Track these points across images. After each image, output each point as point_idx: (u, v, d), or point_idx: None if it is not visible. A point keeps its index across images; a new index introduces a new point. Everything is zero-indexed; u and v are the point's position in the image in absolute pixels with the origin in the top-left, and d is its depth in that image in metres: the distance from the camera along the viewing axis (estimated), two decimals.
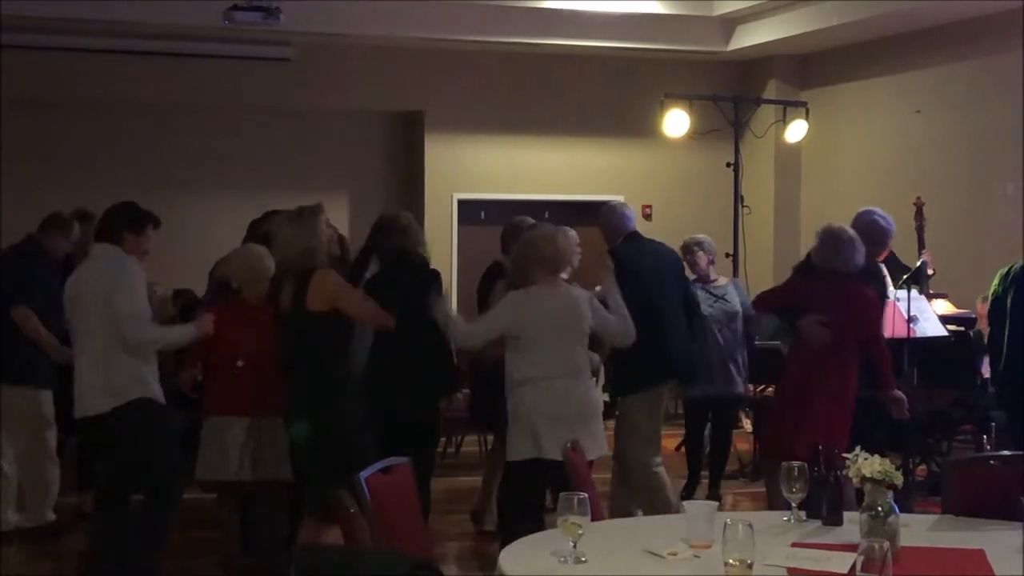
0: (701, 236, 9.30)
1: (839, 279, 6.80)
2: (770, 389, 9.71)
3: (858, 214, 7.54)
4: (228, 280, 6.80)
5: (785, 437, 6.78)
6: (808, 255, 7.26)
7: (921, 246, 10.13)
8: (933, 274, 10.34)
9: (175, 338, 6.50)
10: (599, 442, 6.23)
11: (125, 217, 6.34)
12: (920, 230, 10.15)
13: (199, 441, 6.68)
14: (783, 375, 7.16)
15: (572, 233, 7.20)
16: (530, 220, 8.04)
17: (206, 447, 6.54)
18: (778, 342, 7.19)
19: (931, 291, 10.10)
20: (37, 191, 11.84)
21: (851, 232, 6.89)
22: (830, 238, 6.84)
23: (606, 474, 7.39)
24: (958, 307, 10.41)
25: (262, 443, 6.45)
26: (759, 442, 7.84)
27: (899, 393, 7.05)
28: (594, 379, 6.72)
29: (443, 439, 10.08)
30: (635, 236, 7.64)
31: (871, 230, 7.29)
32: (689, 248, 9.10)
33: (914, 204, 10.30)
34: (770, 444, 7.18)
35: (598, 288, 6.68)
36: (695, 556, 3.80)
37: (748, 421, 11.01)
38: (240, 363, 6.46)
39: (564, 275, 6.32)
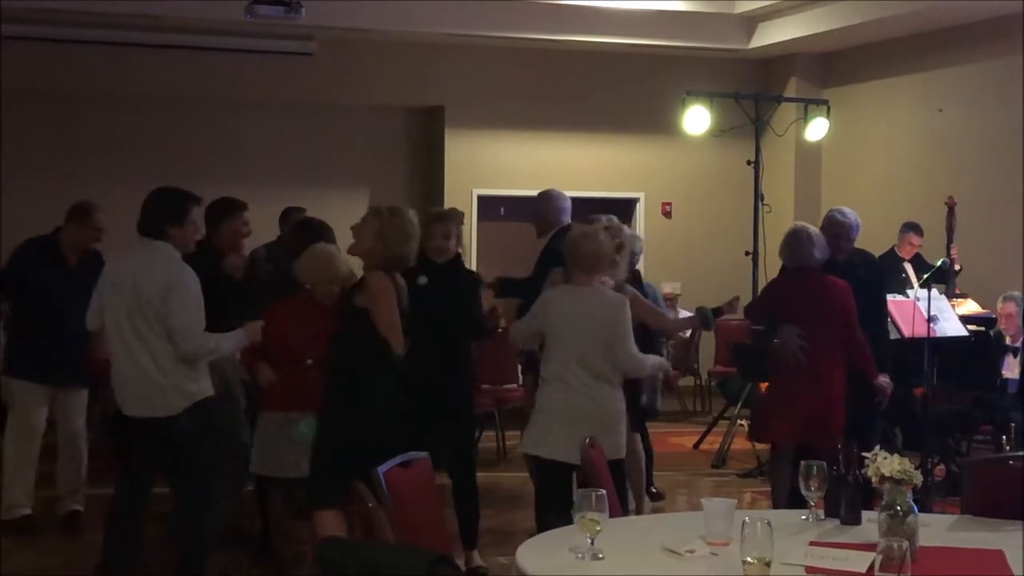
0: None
1: (804, 274, 7.24)
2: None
3: (826, 213, 7.90)
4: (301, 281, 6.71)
5: (772, 426, 7.31)
6: None
7: (950, 243, 10.13)
8: (960, 270, 10.34)
9: (229, 346, 6.22)
10: (610, 447, 6.19)
11: (163, 211, 6.01)
12: (950, 230, 10.17)
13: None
14: (772, 369, 7.44)
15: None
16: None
17: (269, 443, 6.49)
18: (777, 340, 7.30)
19: (957, 290, 10.09)
20: (58, 184, 11.90)
21: (811, 230, 7.32)
22: (790, 237, 7.33)
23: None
24: (982, 307, 10.39)
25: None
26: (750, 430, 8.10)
27: (883, 381, 7.36)
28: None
29: None
30: (571, 229, 7.53)
31: (830, 225, 7.62)
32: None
33: (946, 204, 10.32)
34: (759, 432, 7.73)
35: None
36: (713, 554, 3.81)
37: None
38: (310, 362, 6.39)
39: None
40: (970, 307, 10.23)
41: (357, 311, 5.67)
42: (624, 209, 13.41)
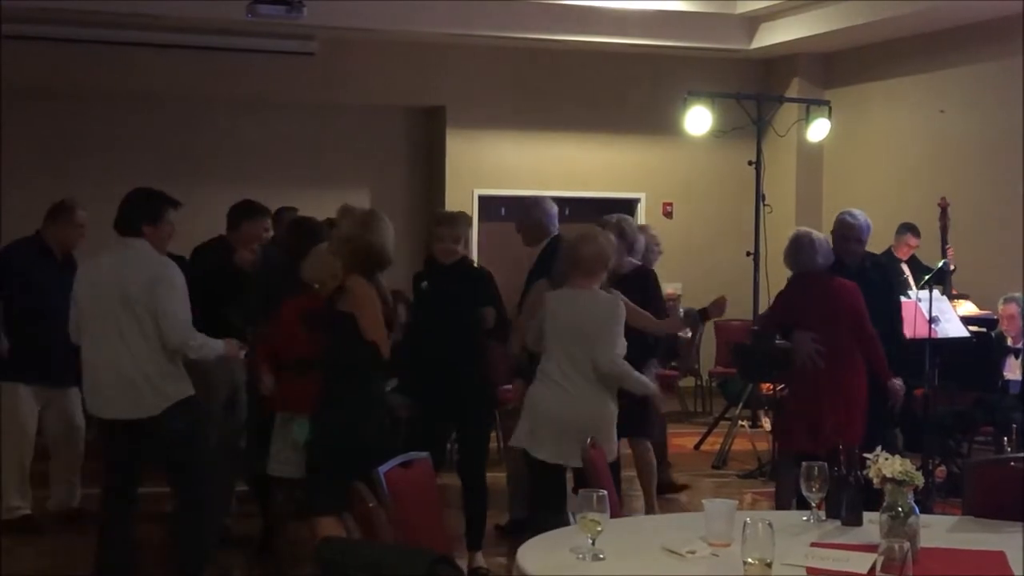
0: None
1: (809, 279, 7.25)
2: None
3: (837, 215, 7.85)
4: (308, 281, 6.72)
5: (795, 434, 7.25)
6: None
7: (944, 245, 10.13)
8: (954, 270, 10.34)
9: (213, 348, 6.17)
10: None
11: (140, 209, 6.05)
12: (944, 230, 10.17)
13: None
14: (791, 374, 7.44)
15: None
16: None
17: (280, 444, 6.46)
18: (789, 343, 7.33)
19: (954, 291, 10.08)
20: (58, 184, 11.88)
21: (813, 235, 7.32)
22: (791, 243, 7.32)
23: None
24: (980, 308, 10.38)
25: None
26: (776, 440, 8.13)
27: (895, 383, 7.33)
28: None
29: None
30: (561, 238, 7.46)
31: (839, 227, 7.60)
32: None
33: (939, 205, 10.31)
34: (783, 441, 7.68)
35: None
36: (714, 555, 3.80)
37: (767, 420, 10.99)
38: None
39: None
40: (967, 308, 10.22)
41: (341, 315, 5.64)
42: (625, 209, 13.34)
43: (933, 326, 8.49)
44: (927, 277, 9.04)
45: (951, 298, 9.90)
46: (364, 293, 5.60)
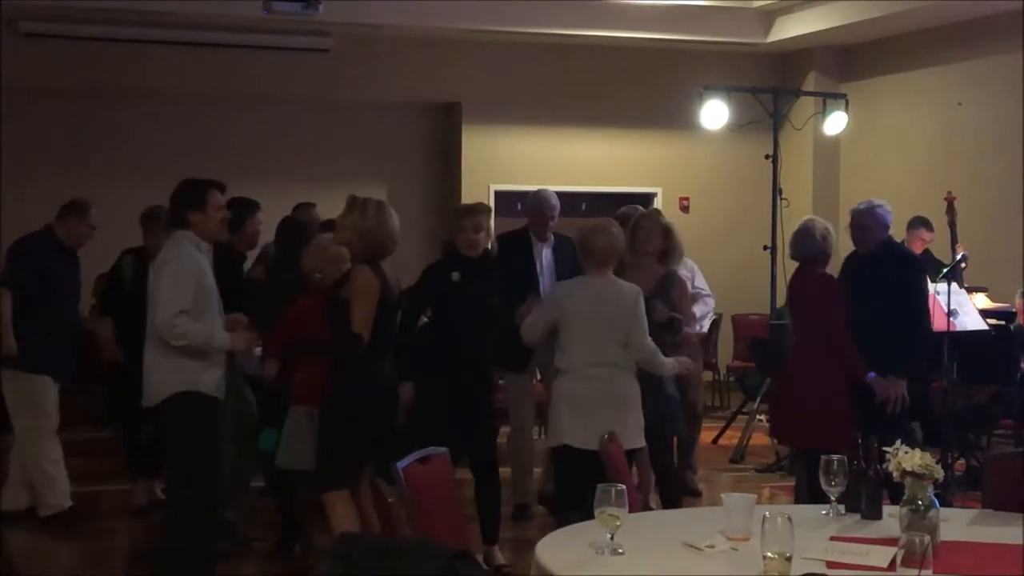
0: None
1: (800, 268, 7.30)
2: None
3: None
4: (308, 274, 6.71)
5: (781, 424, 7.39)
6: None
7: (954, 241, 10.07)
8: (965, 265, 10.31)
9: (207, 342, 5.89)
10: (631, 433, 6.24)
11: (185, 198, 5.99)
12: (952, 225, 10.10)
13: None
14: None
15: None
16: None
17: (291, 437, 6.42)
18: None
19: (966, 285, 10.04)
20: (72, 182, 11.92)
21: (810, 224, 7.25)
22: (795, 230, 7.35)
23: None
24: (995, 301, 10.33)
25: None
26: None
27: (876, 379, 7.04)
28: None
29: None
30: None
31: (851, 217, 7.51)
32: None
33: (945, 199, 10.24)
34: (773, 430, 7.79)
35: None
36: (733, 549, 3.79)
37: None
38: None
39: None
40: (981, 301, 10.17)
41: (341, 302, 5.77)
42: (642, 204, 13.33)
43: (951, 319, 8.45)
44: (945, 270, 8.99)
45: (971, 292, 9.87)
46: (364, 284, 5.71)
